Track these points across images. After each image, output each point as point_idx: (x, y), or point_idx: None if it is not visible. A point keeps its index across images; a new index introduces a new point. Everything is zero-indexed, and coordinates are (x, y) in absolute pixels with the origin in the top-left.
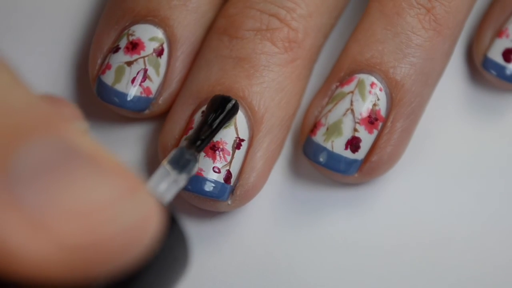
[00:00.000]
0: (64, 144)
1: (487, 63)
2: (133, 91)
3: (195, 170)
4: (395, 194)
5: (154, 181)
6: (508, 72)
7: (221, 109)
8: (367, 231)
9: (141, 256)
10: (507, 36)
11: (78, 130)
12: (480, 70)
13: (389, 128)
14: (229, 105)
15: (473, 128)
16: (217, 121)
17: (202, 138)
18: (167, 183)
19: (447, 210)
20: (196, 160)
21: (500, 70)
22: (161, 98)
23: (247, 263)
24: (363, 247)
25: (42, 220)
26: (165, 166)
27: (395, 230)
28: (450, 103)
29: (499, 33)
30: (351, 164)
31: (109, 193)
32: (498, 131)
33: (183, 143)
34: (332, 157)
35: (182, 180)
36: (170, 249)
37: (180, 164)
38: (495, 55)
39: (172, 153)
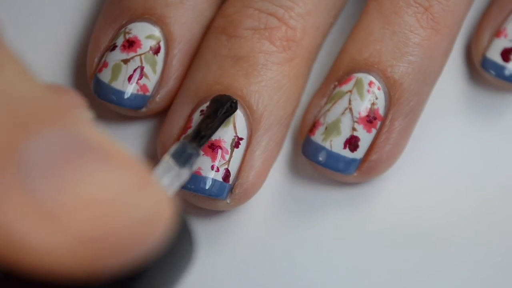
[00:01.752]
0: (74, 136)
1: (486, 63)
2: (129, 89)
3: (197, 164)
4: (394, 193)
5: (157, 175)
6: (507, 71)
7: (222, 106)
8: (366, 230)
9: (153, 250)
10: (505, 36)
11: (86, 122)
12: (479, 70)
13: (388, 127)
14: (229, 103)
15: (472, 127)
16: (218, 116)
17: (203, 134)
18: (170, 177)
19: (446, 208)
20: (198, 154)
21: (499, 70)
22: (158, 96)
23: (246, 261)
24: (363, 246)
25: (53, 211)
26: (167, 160)
27: (394, 229)
28: (449, 103)
29: (498, 33)
30: (350, 163)
31: (121, 185)
32: (497, 130)
33: (185, 137)
34: (331, 156)
35: (184, 174)
36: (178, 244)
37: (182, 158)
38: (494, 55)
39: (174, 147)
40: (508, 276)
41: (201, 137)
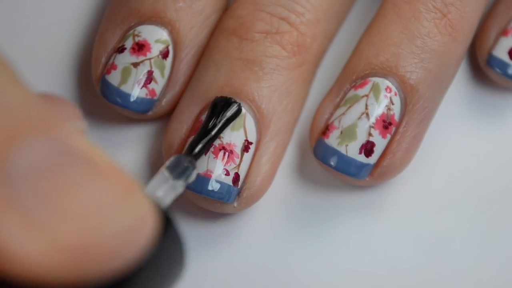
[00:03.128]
0: (61, 145)
1: (492, 61)
2: (138, 93)
3: (193, 177)
4: (398, 194)
5: (152, 186)
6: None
7: (222, 113)
8: (372, 233)
9: (135, 259)
10: None
11: (75, 131)
12: (483, 68)
13: (402, 134)
14: (231, 110)
15: (476, 127)
16: (217, 127)
17: (200, 146)
18: (165, 189)
19: (455, 210)
20: (194, 167)
21: (505, 68)
22: (164, 100)
23: (251, 264)
24: (369, 249)
25: (39, 221)
26: (163, 171)
27: (402, 231)
28: (454, 103)
29: (505, 31)
30: (362, 168)
31: (105, 196)
32: (501, 129)
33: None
34: (345, 160)
35: (179, 186)
36: (165, 252)
37: (178, 170)
38: (501, 53)
39: (171, 159)
40: None
41: (198, 150)
